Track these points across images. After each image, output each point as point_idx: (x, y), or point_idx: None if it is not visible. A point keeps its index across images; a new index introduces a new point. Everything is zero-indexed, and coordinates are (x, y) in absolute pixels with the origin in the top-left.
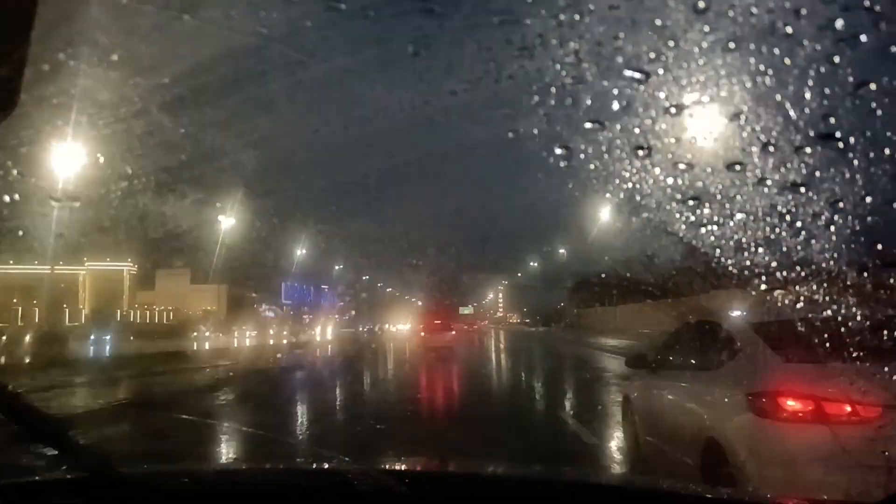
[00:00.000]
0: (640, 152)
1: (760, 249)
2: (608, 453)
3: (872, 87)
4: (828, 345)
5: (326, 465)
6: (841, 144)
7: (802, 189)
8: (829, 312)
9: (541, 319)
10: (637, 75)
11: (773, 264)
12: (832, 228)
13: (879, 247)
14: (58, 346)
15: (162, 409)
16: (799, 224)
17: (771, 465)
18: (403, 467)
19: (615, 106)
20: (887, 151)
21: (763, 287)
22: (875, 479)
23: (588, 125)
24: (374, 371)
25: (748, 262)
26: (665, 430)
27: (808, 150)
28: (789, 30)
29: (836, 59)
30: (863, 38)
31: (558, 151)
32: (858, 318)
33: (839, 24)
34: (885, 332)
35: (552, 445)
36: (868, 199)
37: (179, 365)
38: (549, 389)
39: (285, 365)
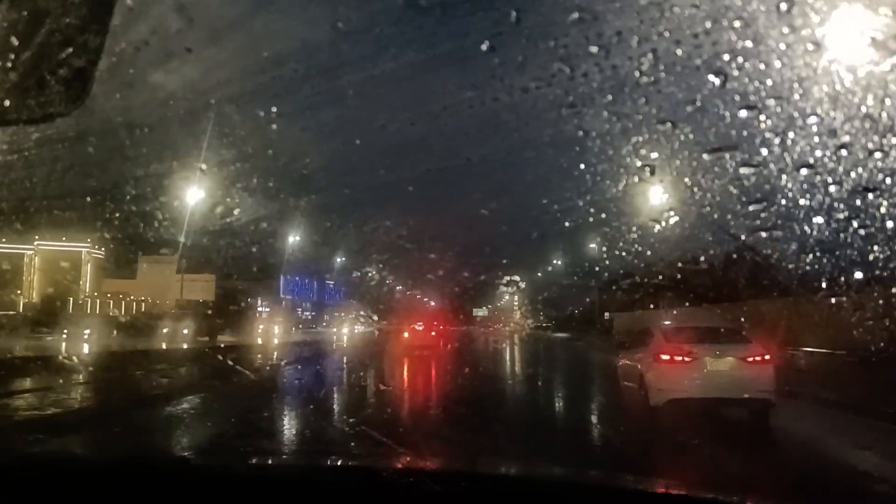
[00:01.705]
0: (707, 155)
1: (823, 254)
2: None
3: None
4: (685, 334)
5: (360, 463)
6: None
7: (871, 195)
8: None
9: (556, 324)
10: (713, 77)
11: (836, 271)
12: None
13: None
14: None
15: None
16: (864, 231)
17: (659, 381)
18: (436, 466)
19: (688, 106)
20: None
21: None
22: (690, 383)
23: (660, 126)
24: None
25: (809, 268)
26: (627, 375)
27: (879, 154)
28: (877, 35)
29: None
30: None
31: (625, 150)
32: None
33: None
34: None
35: None
36: None
37: None
38: None
39: None
